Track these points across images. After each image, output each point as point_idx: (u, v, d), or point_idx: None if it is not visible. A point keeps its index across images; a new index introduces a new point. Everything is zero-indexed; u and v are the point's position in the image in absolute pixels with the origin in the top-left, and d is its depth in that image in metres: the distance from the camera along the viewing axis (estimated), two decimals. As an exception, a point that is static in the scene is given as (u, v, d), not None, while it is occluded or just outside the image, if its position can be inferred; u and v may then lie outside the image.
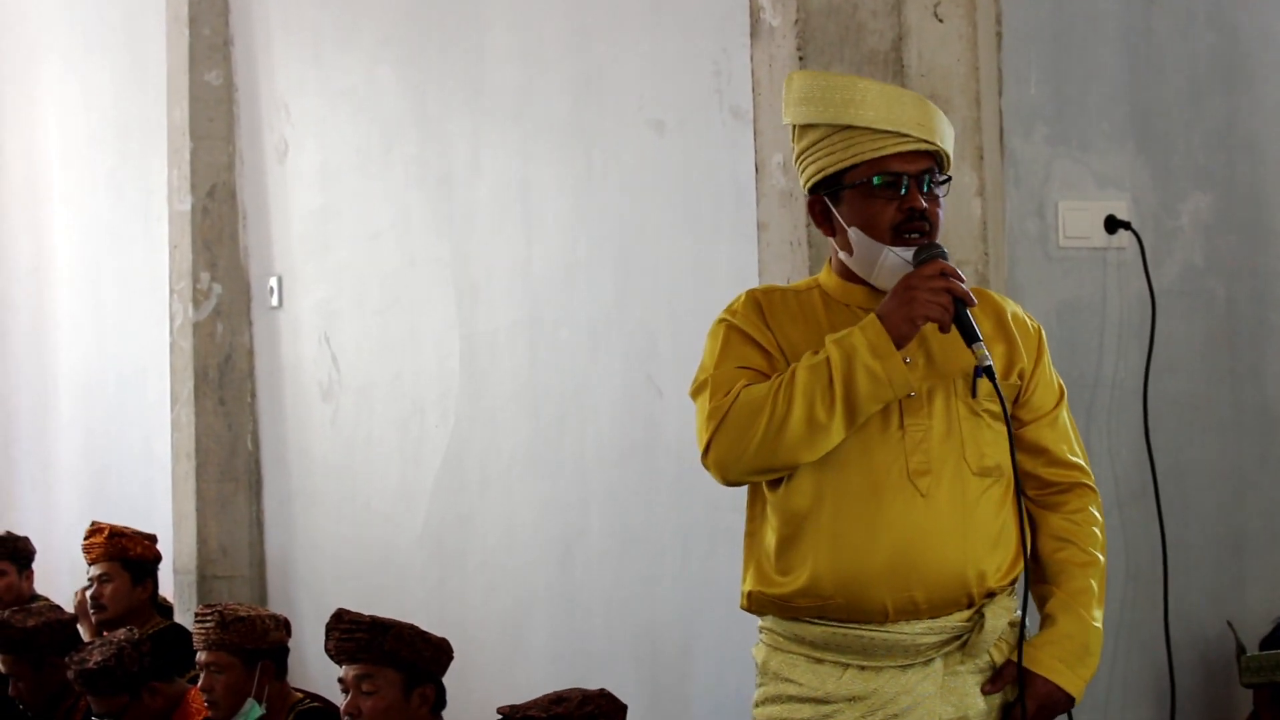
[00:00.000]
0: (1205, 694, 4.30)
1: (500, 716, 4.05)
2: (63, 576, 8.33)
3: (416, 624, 4.45)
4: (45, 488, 9.01)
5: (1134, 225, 4.17)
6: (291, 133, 6.60)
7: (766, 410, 2.97)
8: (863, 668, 3.07)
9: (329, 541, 6.43)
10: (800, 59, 3.90)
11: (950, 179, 3.13)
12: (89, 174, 8.46)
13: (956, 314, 2.96)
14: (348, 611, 4.42)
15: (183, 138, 6.93)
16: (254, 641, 4.87)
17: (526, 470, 5.31)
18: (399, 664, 4.33)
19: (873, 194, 3.04)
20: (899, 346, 2.96)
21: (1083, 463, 3.24)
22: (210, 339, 6.88)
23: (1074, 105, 4.17)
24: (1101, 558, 3.22)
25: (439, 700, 4.42)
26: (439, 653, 4.42)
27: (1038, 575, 3.20)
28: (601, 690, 4.08)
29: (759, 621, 3.19)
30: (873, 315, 2.98)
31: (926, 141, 3.05)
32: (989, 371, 2.97)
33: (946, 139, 3.10)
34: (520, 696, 4.47)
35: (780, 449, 2.98)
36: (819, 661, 3.10)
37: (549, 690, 4.39)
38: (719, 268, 4.48)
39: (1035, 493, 3.19)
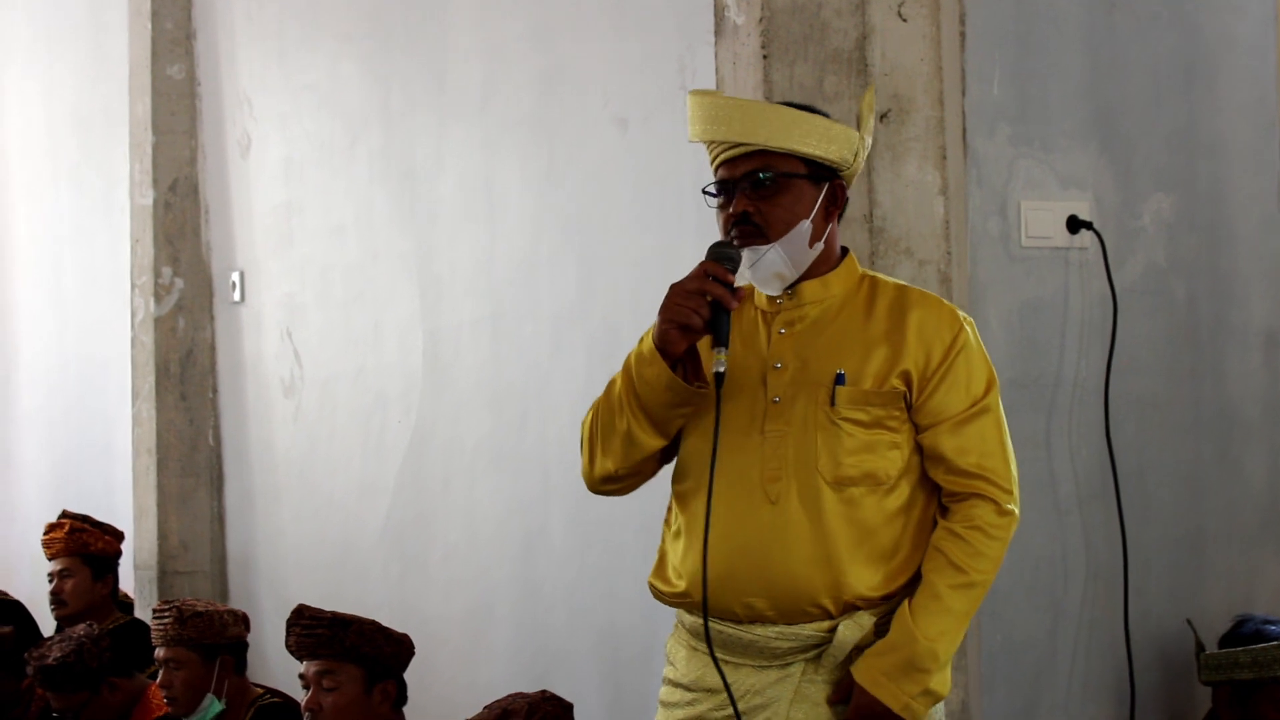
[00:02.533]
0: (1165, 692, 4.32)
1: None
2: (24, 572, 8.30)
3: (378, 620, 4.44)
4: (5, 483, 8.95)
5: (1096, 225, 4.19)
6: (254, 127, 6.58)
7: (589, 426, 3.16)
8: (725, 661, 3.08)
9: (290, 537, 6.41)
10: (764, 57, 3.90)
11: (771, 176, 3.06)
12: (51, 168, 8.42)
13: (713, 317, 2.95)
14: (308, 607, 4.41)
15: (145, 132, 6.90)
16: (213, 637, 4.86)
17: (489, 466, 5.30)
18: (360, 660, 4.32)
19: (716, 203, 3.14)
20: (666, 354, 2.99)
21: (990, 474, 3.06)
22: (172, 334, 6.85)
23: (1036, 105, 4.18)
24: (975, 573, 3.03)
25: (400, 696, 4.42)
26: (400, 648, 4.42)
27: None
28: (543, 692, 4.07)
29: None
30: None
31: (741, 144, 3.06)
32: (718, 379, 2.95)
33: (785, 136, 3.05)
34: (481, 693, 4.47)
35: (606, 460, 3.14)
36: (694, 650, 3.16)
37: (511, 688, 4.39)
38: (682, 264, 4.46)
39: (941, 500, 3.11)
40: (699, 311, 2.94)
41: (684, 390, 3.00)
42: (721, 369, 2.94)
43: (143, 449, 6.90)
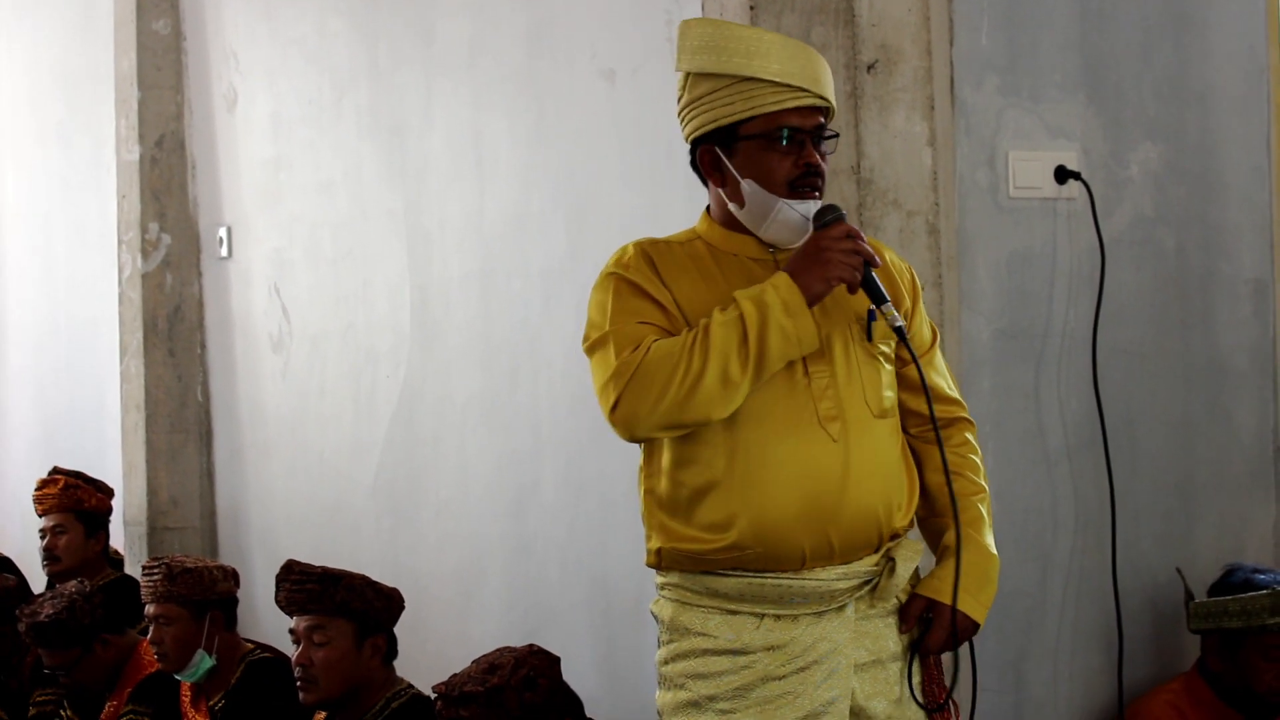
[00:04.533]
0: (1153, 640, 4.33)
1: (436, 695, 4.01)
2: (14, 529, 8.31)
3: (368, 575, 4.45)
4: (-5, 440, 8.96)
5: (1084, 175, 4.18)
6: (241, 82, 6.55)
7: (681, 367, 2.97)
8: (779, 617, 3.10)
9: (280, 493, 6.41)
10: (751, 8, 3.88)
11: (837, 135, 3.18)
12: (37, 124, 8.38)
13: (864, 276, 3.02)
14: (298, 563, 4.41)
15: (130, 87, 6.87)
16: (202, 593, 4.86)
17: (479, 421, 5.30)
18: (350, 615, 4.33)
19: (770, 147, 3.08)
20: (811, 305, 3.00)
21: (960, 398, 3.32)
22: (159, 290, 6.84)
23: (1025, 55, 4.17)
24: (987, 486, 3.26)
25: (391, 650, 4.43)
26: (390, 603, 4.42)
27: (927, 509, 3.24)
28: (530, 646, 4.07)
29: (657, 578, 3.22)
30: (784, 274, 3.01)
31: (822, 98, 3.10)
32: (899, 331, 3.03)
33: (833, 94, 3.16)
34: (473, 648, 4.47)
35: (693, 405, 2.99)
36: (734, 613, 3.12)
37: (502, 642, 4.39)
38: (671, 217, 4.44)
39: (918, 429, 3.24)
40: (858, 270, 3.01)
41: (814, 346, 3.03)
42: (900, 322, 3.03)
43: (131, 405, 6.90)
